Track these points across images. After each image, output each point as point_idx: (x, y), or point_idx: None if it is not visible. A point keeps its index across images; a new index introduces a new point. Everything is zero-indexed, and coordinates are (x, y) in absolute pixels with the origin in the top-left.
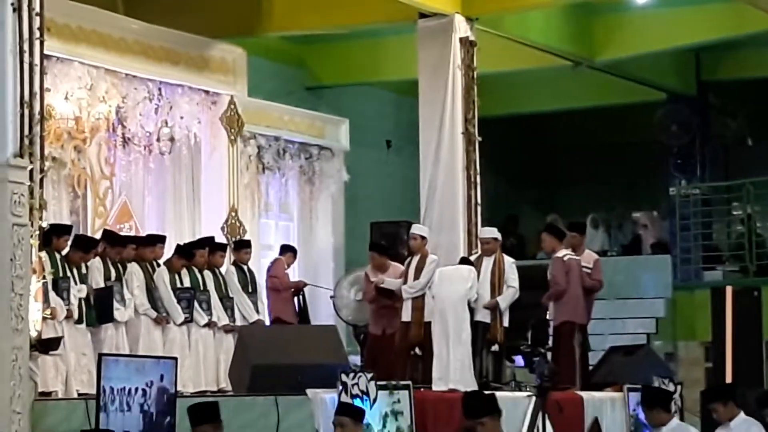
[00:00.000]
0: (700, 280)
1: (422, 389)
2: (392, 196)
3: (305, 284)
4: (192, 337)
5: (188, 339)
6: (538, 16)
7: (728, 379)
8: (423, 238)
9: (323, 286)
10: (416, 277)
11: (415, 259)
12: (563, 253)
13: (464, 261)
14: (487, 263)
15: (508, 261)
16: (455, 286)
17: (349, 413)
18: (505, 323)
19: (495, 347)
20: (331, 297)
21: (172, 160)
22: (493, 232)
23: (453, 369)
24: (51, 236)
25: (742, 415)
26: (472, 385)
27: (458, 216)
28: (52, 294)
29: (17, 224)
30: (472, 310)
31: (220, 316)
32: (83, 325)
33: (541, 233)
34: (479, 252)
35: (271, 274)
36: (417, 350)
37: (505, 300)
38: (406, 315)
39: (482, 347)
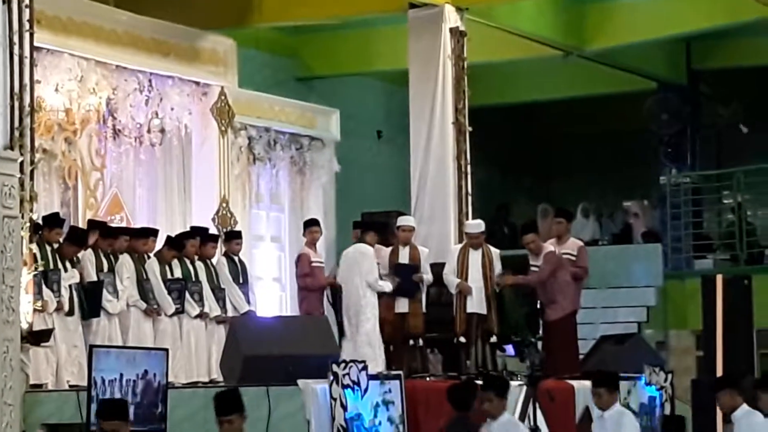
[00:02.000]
0: (691, 269)
1: (428, 378)
2: (383, 187)
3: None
4: (184, 328)
5: (180, 330)
6: (528, 5)
7: (719, 368)
8: (414, 229)
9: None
10: None
11: (406, 251)
12: (554, 247)
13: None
14: (476, 256)
15: (495, 252)
16: (353, 271)
17: (117, 415)
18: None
19: (494, 338)
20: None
21: (163, 151)
22: (481, 226)
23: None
24: (42, 228)
25: (617, 405)
26: None
27: (449, 206)
28: (42, 286)
29: (8, 216)
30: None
31: (212, 307)
32: (75, 317)
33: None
34: (465, 242)
35: (301, 274)
36: (420, 341)
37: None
38: (403, 306)
39: (477, 338)
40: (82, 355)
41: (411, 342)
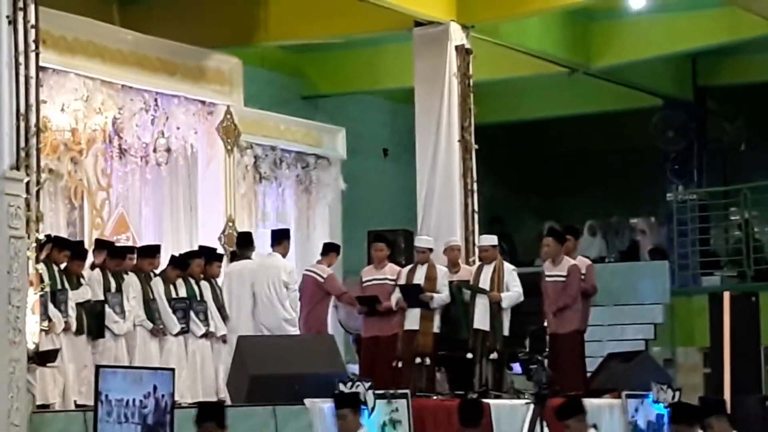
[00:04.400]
0: (698, 286)
1: (434, 397)
2: (389, 205)
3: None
4: (189, 348)
5: (186, 349)
6: (533, 23)
7: (727, 385)
8: (426, 251)
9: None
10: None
11: (423, 269)
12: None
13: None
14: (487, 271)
15: (509, 268)
16: (261, 284)
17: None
18: (505, 332)
19: (494, 355)
20: (334, 306)
21: (169, 170)
22: (490, 240)
23: None
24: (51, 248)
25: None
26: None
27: (455, 224)
28: (50, 306)
29: (14, 237)
30: None
31: (218, 327)
32: (83, 337)
33: (561, 240)
34: (477, 260)
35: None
36: (427, 360)
37: (509, 298)
38: (412, 323)
39: (482, 355)
40: (91, 375)
41: (418, 360)
